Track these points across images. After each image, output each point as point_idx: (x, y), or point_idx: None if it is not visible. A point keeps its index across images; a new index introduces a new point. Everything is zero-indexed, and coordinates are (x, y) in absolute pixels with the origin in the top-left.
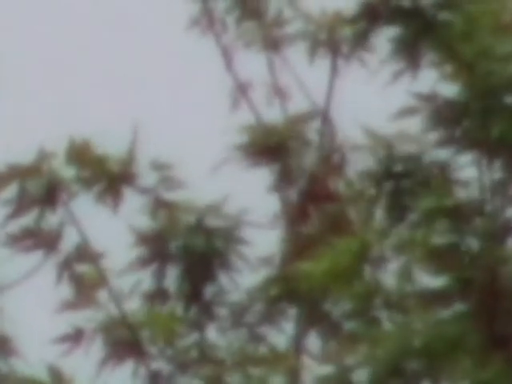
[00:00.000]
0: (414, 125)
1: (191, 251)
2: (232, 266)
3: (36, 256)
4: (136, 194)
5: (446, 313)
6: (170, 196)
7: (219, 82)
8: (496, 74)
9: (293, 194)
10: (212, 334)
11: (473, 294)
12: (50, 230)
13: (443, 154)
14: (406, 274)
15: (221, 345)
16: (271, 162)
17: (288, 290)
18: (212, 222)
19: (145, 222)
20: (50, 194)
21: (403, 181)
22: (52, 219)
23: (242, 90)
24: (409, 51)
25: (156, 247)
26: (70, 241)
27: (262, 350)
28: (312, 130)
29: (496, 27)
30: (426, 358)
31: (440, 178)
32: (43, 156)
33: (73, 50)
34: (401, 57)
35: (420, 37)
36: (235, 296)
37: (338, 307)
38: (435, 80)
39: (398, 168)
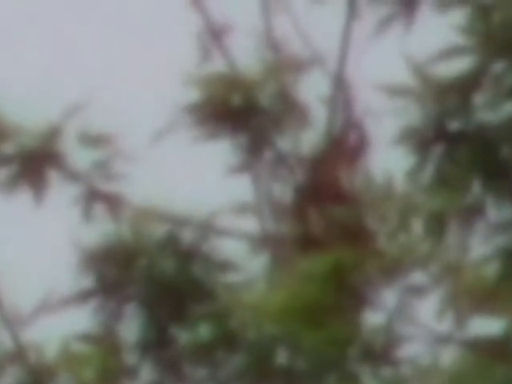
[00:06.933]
0: None
1: (157, 279)
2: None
3: None
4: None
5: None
6: (115, 187)
7: (187, 27)
8: None
9: (282, 187)
10: None
11: None
12: None
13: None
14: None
15: None
16: (236, 131)
17: (226, 332)
18: (186, 236)
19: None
20: None
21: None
22: None
23: (215, 37)
24: None
25: (104, 271)
26: None
27: None
28: (311, 91)
29: None
30: None
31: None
32: None
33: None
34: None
35: None
36: None
37: (299, 358)
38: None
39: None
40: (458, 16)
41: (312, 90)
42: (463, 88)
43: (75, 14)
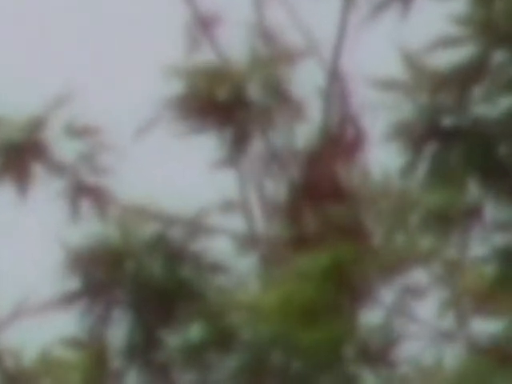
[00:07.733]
0: None
1: (145, 280)
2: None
3: None
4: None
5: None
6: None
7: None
8: None
9: (275, 184)
10: None
11: None
12: None
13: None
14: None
15: None
16: (222, 124)
17: (219, 333)
18: (174, 235)
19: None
20: None
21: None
22: None
23: (205, 28)
24: None
25: (90, 272)
26: None
27: None
28: (306, 84)
29: None
30: None
31: None
32: None
33: None
34: None
35: None
36: None
37: (295, 359)
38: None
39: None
40: (457, 4)
41: (307, 83)
42: (459, 81)
43: (59, 4)
